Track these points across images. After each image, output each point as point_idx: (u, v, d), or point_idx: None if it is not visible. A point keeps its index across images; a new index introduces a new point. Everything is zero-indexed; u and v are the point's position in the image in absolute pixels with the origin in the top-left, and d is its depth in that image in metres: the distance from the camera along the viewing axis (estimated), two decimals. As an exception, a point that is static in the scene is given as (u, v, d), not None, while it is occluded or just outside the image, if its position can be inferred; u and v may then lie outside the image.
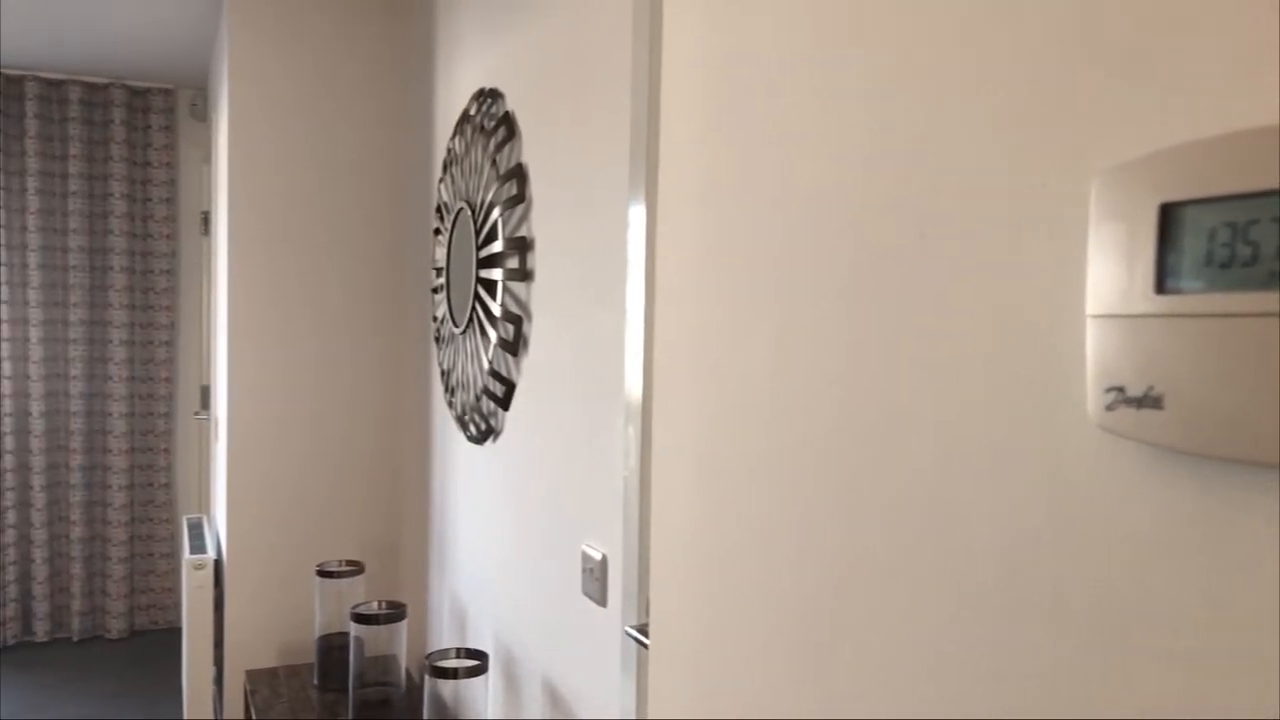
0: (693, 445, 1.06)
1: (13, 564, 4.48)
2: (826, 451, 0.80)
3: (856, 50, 0.77)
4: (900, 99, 0.71)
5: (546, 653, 1.93)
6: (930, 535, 0.68)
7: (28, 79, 4.42)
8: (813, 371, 0.82)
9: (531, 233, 2.02)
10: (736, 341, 0.95)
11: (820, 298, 0.81)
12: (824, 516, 0.81)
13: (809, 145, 0.83)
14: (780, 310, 0.87)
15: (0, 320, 4.41)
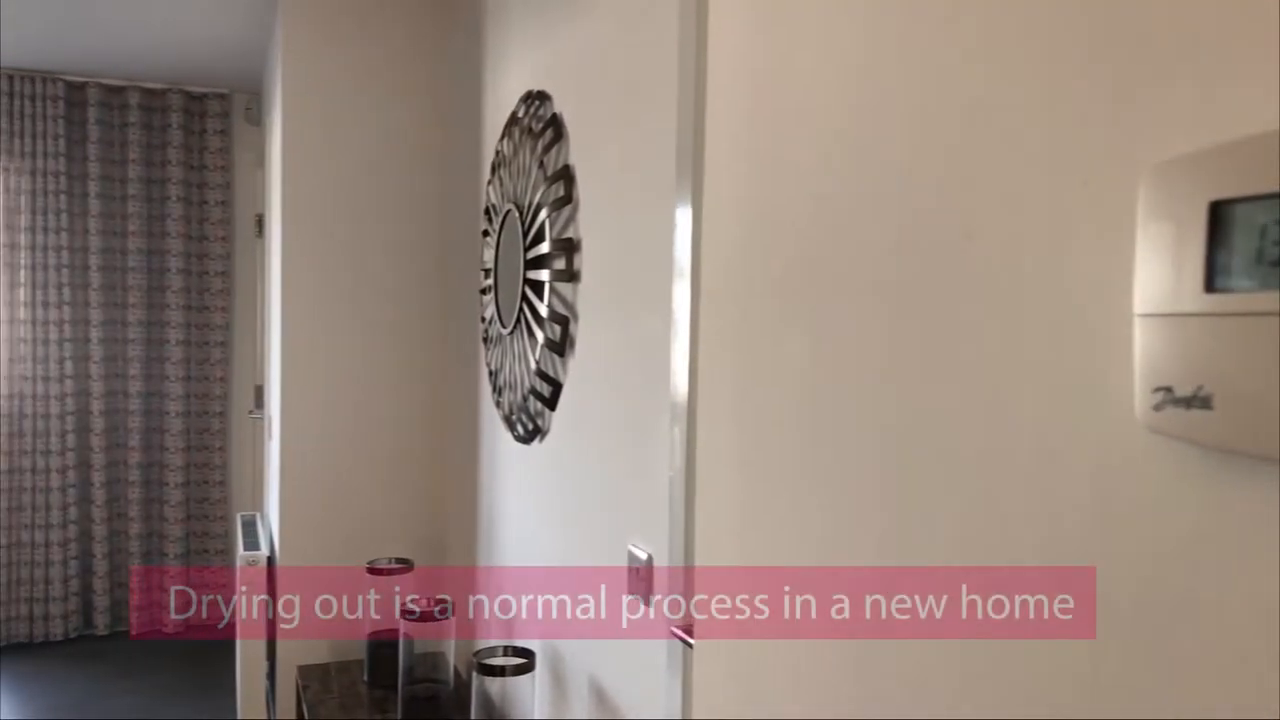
0: (736, 445, 1.06)
1: (74, 559, 4.59)
2: (869, 452, 0.80)
3: (897, 51, 0.76)
4: (941, 98, 0.71)
5: (592, 652, 1.94)
6: (975, 537, 0.67)
7: (90, 85, 4.53)
8: (855, 372, 0.82)
9: (578, 234, 2.03)
10: (778, 342, 0.95)
11: (862, 299, 0.81)
12: (867, 518, 0.80)
13: (850, 146, 0.83)
14: (822, 312, 0.87)
15: (63, 321, 4.53)
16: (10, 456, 4.51)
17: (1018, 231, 0.62)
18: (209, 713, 3.88)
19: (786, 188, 0.94)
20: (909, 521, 0.75)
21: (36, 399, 4.53)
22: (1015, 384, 0.63)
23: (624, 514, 1.80)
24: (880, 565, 0.79)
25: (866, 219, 0.80)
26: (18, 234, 4.48)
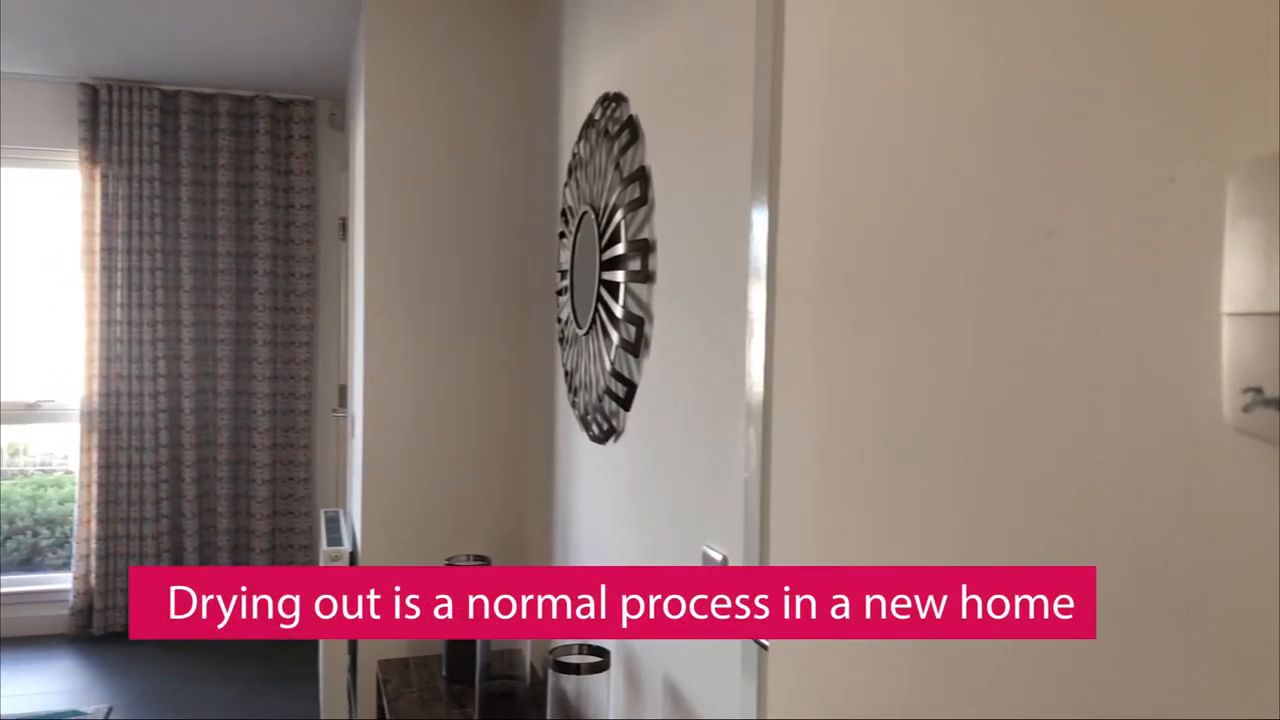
0: (813, 447, 1.06)
1: (166, 551, 4.76)
2: (950, 454, 0.79)
3: (980, 47, 0.75)
4: (1023, 96, 0.70)
5: (668, 653, 1.95)
6: (1059, 540, 0.66)
7: (183, 94, 4.69)
8: (935, 372, 0.81)
9: (653, 235, 2.04)
10: (857, 342, 0.94)
11: (944, 299, 0.80)
12: (947, 521, 0.79)
13: (931, 145, 0.82)
14: (902, 312, 0.86)
15: (156, 321, 4.69)
16: (107, 453, 4.69)
17: (1102, 229, 0.61)
18: (296, 703, 3.98)
19: (866, 188, 0.94)
20: (989, 527, 0.74)
21: (131, 397, 4.70)
22: (1101, 385, 0.61)
23: (698, 515, 1.80)
24: (961, 566, 0.78)
25: (948, 218, 0.80)
26: (115, 238, 4.65)
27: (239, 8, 3.55)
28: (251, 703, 3.99)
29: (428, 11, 3.13)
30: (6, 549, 5.12)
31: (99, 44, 4.07)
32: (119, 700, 3.98)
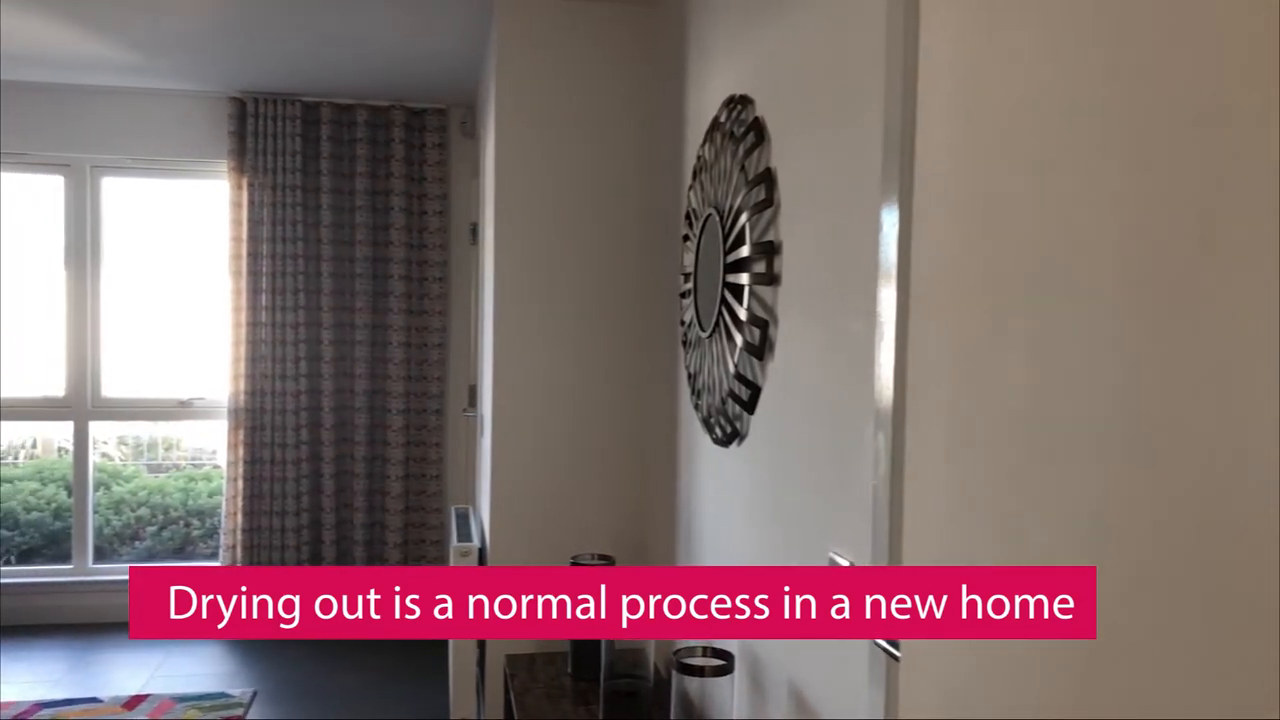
0: (945, 454, 1.03)
1: (306, 544, 4.96)
2: (1092, 462, 0.76)
3: (1126, 50, 0.72)
4: (1172, 99, 0.66)
5: (792, 658, 1.93)
6: (1204, 550, 0.63)
7: (323, 105, 4.89)
8: (1077, 379, 0.78)
9: (779, 237, 2.02)
10: (994, 347, 0.92)
11: (1085, 302, 0.77)
12: (1087, 531, 0.76)
13: (1076, 148, 0.79)
14: (1041, 315, 0.83)
15: (298, 324, 4.90)
16: (252, 448, 4.93)
17: (1257, 239, 0.58)
18: (426, 694, 4.10)
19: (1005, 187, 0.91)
20: (1131, 537, 0.71)
21: (274, 395, 4.92)
22: (1254, 395, 0.58)
23: (824, 520, 1.78)
24: (1101, 579, 0.75)
25: (1093, 225, 0.77)
26: (260, 244, 4.88)
27: (376, 23, 3.68)
28: (383, 692, 4.13)
29: (556, 19, 3.18)
30: (162, 538, 5.43)
31: (247, 60, 4.28)
32: (262, 685, 4.17)
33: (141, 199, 5.16)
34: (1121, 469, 0.72)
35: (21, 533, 5.29)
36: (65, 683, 4.13)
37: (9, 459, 5.71)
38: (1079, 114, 0.79)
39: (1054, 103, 0.82)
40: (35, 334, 5.11)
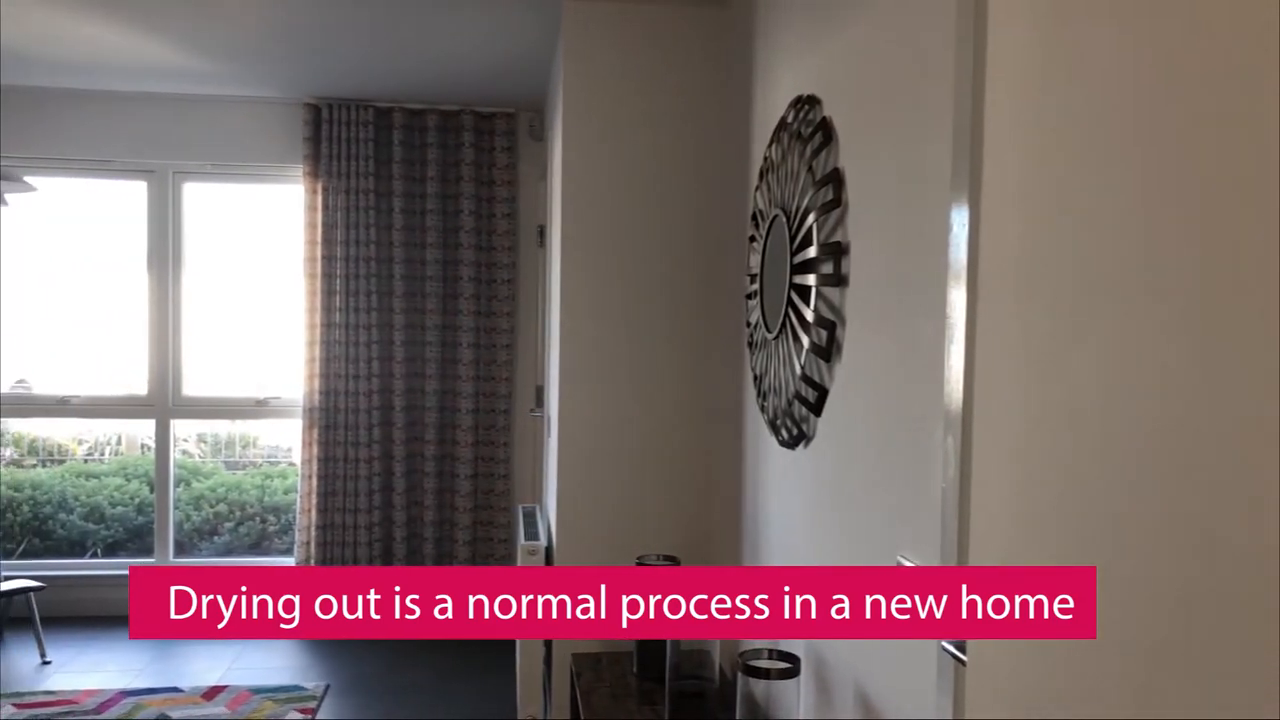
0: (1015, 457, 1.02)
1: (378, 541, 5.05)
2: (1166, 468, 0.74)
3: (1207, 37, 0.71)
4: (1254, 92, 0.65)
5: (859, 661, 1.92)
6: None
7: (395, 110, 4.98)
8: (1150, 379, 0.76)
9: (846, 237, 2.01)
10: (1065, 348, 0.90)
11: (1159, 302, 0.75)
12: (1161, 539, 0.75)
13: (1152, 146, 0.78)
14: (1114, 315, 0.82)
15: (371, 325, 5.00)
16: (325, 447, 5.03)
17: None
18: (494, 690, 4.15)
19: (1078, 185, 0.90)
20: (1209, 545, 0.69)
21: (347, 395, 5.02)
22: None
23: (892, 523, 1.76)
24: (1174, 588, 0.73)
25: (1171, 225, 0.75)
26: (334, 246, 4.99)
27: (447, 29, 3.74)
28: (452, 688, 4.19)
29: (623, 22, 3.20)
30: (239, 534, 5.58)
31: (322, 67, 4.38)
32: (334, 679, 4.26)
33: (220, 203, 5.31)
34: (1197, 471, 0.71)
35: (107, 526, 5.47)
36: (148, 672, 4.26)
37: (96, 456, 5.92)
38: (1154, 110, 0.77)
39: (1127, 98, 0.81)
40: (120, 335, 5.28)
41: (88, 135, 4.99)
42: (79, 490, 5.50)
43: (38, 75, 4.64)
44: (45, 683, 4.14)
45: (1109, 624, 0.82)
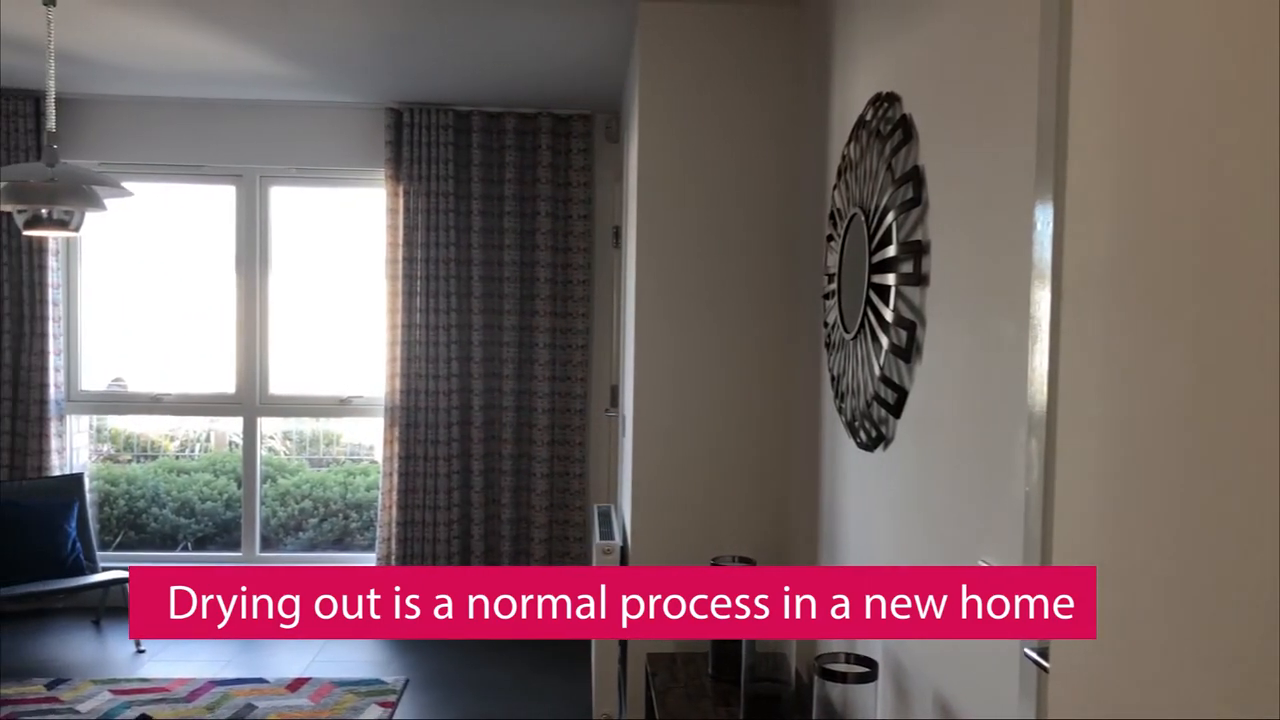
0: (1101, 461, 0.99)
1: (456, 538, 5.13)
2: (1258, 471, 0.72)
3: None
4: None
5: (938, 667, 1.89)
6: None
7: (474, 114, 5.05)
8: (1243, 380, 0.74)
9: (927, 236, 1.98)
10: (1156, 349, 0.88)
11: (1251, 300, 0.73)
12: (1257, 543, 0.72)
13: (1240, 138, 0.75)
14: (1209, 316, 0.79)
15: (450, 325, 5.08)
16: (406, 445, 5.12)
17: None
18: (570, 687, 4.18)
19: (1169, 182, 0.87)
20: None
21: (427, 394, 5.11)
22: None
23: (973, 527, 1.73)
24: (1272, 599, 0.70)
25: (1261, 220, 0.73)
26: (415, 249, 5.08)
27: (525, 34, 3.78)
28: (529, 686, 4.24)
29: (698, 22, 3.20)
30: (322, 529, 5.71)
31: (403, 72, 4.47)
32: (414, 674, 4.33)
33: (305, 207, 5.45)
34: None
35: (197, 521, 5.65)
36: (235, 663, 4.39)
37: (187, 452, 6.11)
38: (1244, 106, 0.75)
39: (1220, 92, 0.78)
40: (209, 335, 5.45)
41: (181, 141, 5.15)
42: (171, 485, 5.69)
43: (135, 85, 4.82)
44: (140, 670, 4.29)
45: (1199, 631, 0.80)
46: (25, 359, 5.03)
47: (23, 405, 5.03)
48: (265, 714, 3.82)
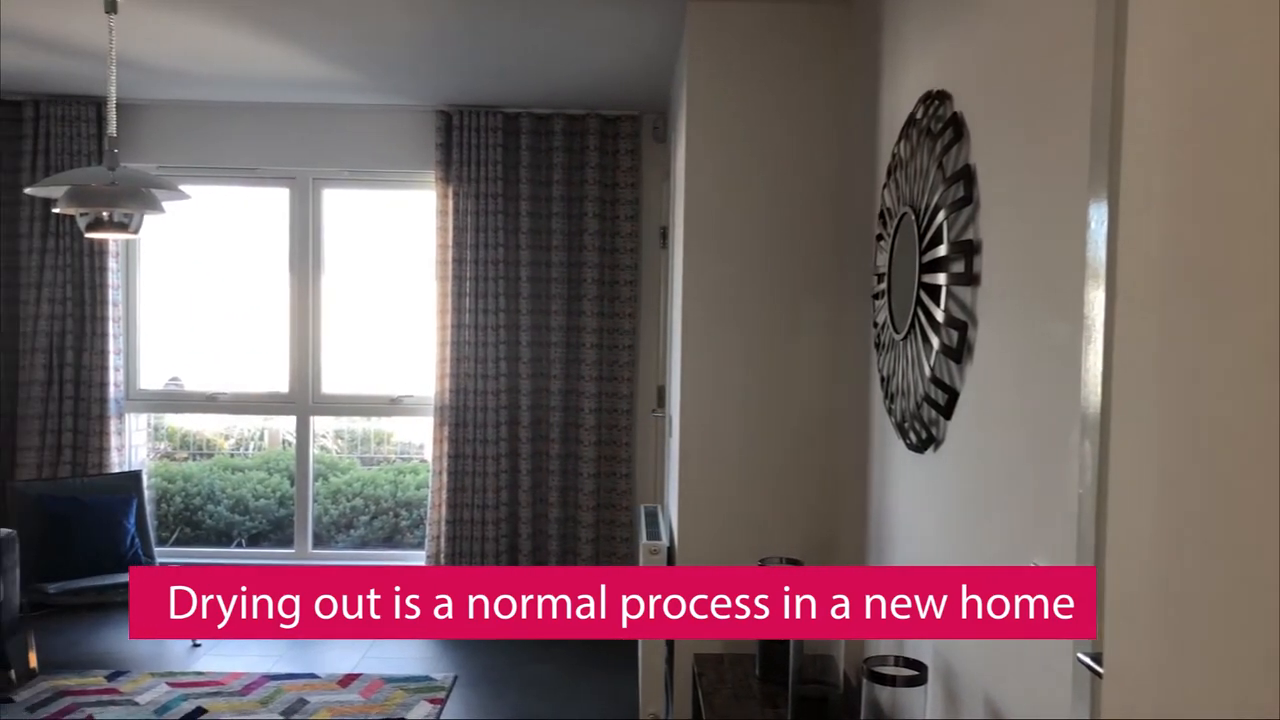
0: (1158, 464, 0.98)
1: (504, 537, 5.16)
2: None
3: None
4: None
5: (989, 671, 1.86)
6: None
7: (522, 115, 5.08)
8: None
9: (978, 235, 1.96)
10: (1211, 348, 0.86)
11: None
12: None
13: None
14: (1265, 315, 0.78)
15: (499, 326, 5.11)
16: (455, 444, 5.17)
17: None
18: (617, 685, 4.19)
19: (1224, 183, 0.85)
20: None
21: (476, 394, 5.15)
22: None
23: (1024, 530, 1.71)
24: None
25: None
26: (464, 249, 5.12)
27: (572, 35, 3.79)
28: (576, 684, 4.25)
29: (745, 22, 3.19)
30: (373, 527, 5.78)
31: (453, 75, 4.51)
32: (462, 671, 4.37)
33: (357, 208, 5.52)
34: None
35: (251, 518, 5.75)
36: (288, 658, 4.46)
37: (241, 450, 6.22)
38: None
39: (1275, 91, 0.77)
40: (263, 334, 5.54)
41: (236, 145, 5.25)
42: (226, 483, 5.79)
43: (192, 90, 4.91)
44: (195, 664, 4.38)
45: (1257, 636, 0.78)
46: (87, 358, 5.15)
47: (84, 404, 5.15)
48: (317, 709, 3.88)
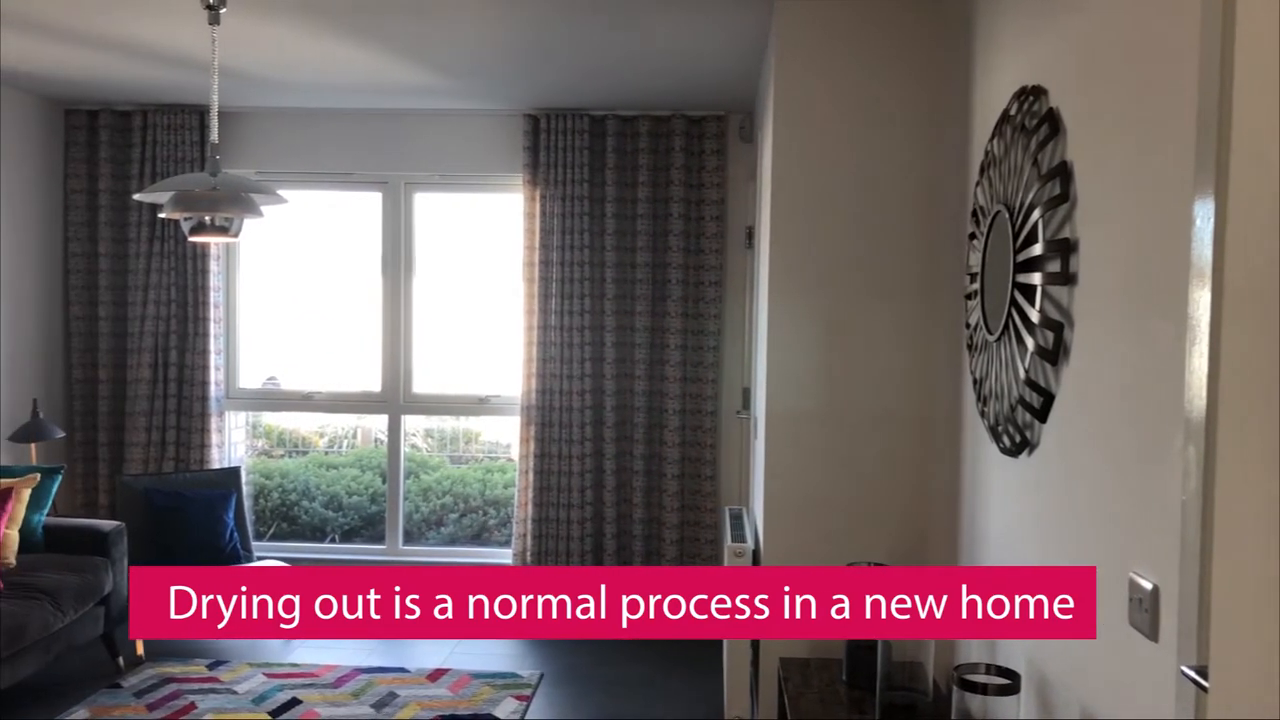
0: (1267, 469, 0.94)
1: (589, 536, 5.20)
2: None
3: None
4: None
5: (1086, 683, 1.81)
6: None
7: (608, 118, 5.11)
8: None
9: (1075, 234, 1.91)
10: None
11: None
12: None
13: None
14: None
15: (584, 327, 5.15)
16: (541, 444, 5.22)
17: None
18: (701, 687, 4.19)
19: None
20: None
21: (561, 394, 5.19)
22: None
23: (1124, 539, 1.66)
24: None
25: None
26: (551, 251, 5.17)
27: (658, 36, 3.80)
28: (662, 684, 4.26)
29: (833, 18, 3.16)
30: (462, 525, 5.87)
31: (540, 79, 4.56)
32: (548, 668, 4.41)
33: (447, 211, 5.62)
34: None
35: (344, 514, 5.89)
36: (378, 653, 4.56)
37: (335, 448, 6.39)
38: None
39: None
40: (357, 335, 5.68)
41: (331, 150, 5.39)
42: (320, 480, 5.95)
43: (290, 98, 5.06)
44: (290, 656, 4.50)
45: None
46: (190, 358, 5.34)
47: (187, 402, 5.35)
48: (406, 702, 3.96)
